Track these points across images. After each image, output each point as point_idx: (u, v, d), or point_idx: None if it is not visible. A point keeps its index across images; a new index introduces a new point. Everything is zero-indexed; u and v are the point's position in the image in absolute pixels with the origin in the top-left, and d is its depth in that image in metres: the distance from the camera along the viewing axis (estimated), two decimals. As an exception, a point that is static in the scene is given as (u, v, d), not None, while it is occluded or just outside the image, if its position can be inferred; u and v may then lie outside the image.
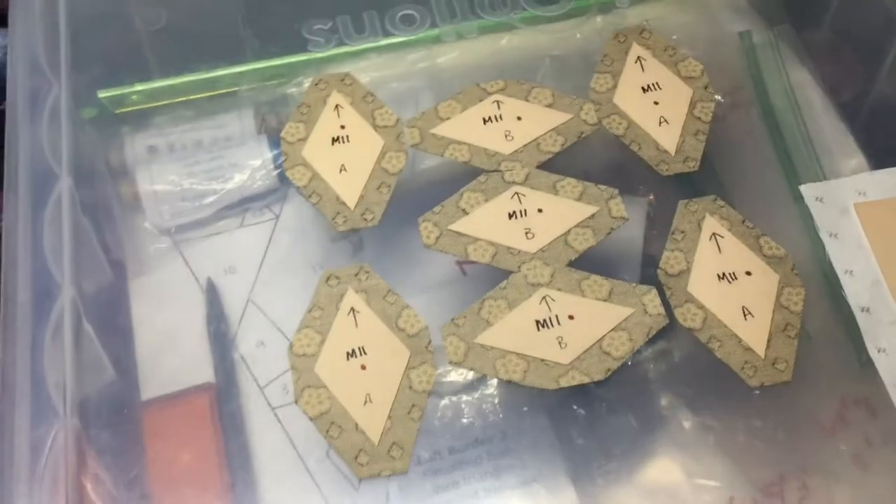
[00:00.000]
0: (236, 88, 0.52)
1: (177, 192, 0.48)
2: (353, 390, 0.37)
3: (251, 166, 0.49)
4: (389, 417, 0.37)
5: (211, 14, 0.50)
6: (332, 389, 0.37)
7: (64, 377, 0.37)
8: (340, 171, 0.43)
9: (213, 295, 0.47)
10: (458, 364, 0.38)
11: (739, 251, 0.41)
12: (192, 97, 0.52)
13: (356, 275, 0.40)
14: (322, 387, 0.37)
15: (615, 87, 0.46)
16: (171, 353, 0.45)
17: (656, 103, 0.46)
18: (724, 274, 0.40)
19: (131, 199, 0.48)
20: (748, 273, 0.40)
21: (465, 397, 0.42)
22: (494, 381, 0.41)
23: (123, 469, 0.38)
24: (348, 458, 0.36)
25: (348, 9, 0.51)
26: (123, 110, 0.51)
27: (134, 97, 0.51)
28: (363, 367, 0.38)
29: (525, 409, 0.40)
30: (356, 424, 0.37)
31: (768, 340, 0.38)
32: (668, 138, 0.44)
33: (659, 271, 0.40)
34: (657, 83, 0.46)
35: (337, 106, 0.45)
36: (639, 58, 0.47)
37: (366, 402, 0.37)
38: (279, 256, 0.48)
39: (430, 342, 0.39)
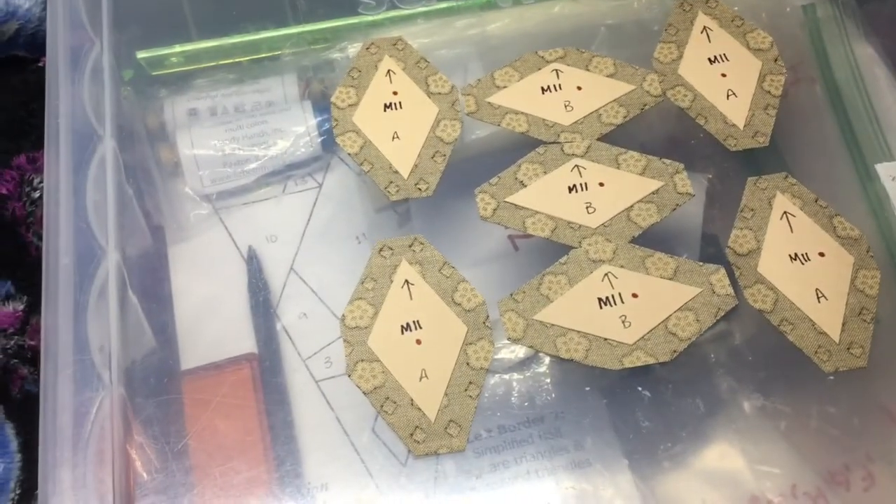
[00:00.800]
0: (279, 52, 0.50)
1: (218, 157, 0.46)
2: (408, 365, 0.36)
3: (294, 132, 0.47)
4: (446, 394, 0.35)
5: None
6: (387, 363, 0.36)
7: (109, 344, 0.36)
8: (393, 138, 0.41)
9: (254, 264, 0.45)
10: (517, 340, 0.37)
11: (812, 231, 0.39)
12: (234, 60, 0.50)
13: (410, 246, 0.39)
14: (376, 360, 0.36)
15: (680, 57, 0.44)
16: (211, 323, 0.44)
17: (724, 75, 0.44)
18: (796, 255, 0.38)
19: (171, 164, 0.47)
20: (821, 254, 0.38)
21: (516, 375, 0.40)
22: (546, 360, 0.40)
23: (168, 439, 0.37)
24: (404, 434, 0.34)
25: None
26: (162, 72, 0.50)
27: (173, 59, 0.49)
28: (418, 342, 0.36)
29: (587, 388, 0.38)
30: (412, 400, 0.35)
31: (843, 324, 0.37)
32: (736, 112, 0.43)
33: (728, 250, 0.39)
34: (724, 55, 0.44)
35: (389, 71, 0.43)
36: (705, 28, 0.45)
37: (421, 378, 0.36)
38: (322, 226, 0.47)
39: (487, 317, 0.37)
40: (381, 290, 0.37)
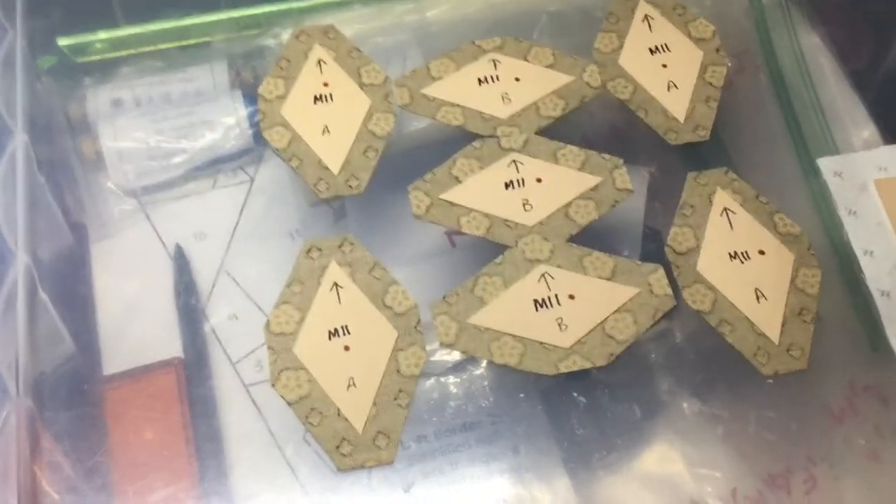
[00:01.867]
0: (209, 39, 0.48)
1: (143, 149, 0.44)
2: (335, 373, 0.34)
3: (224, 124, 0.45)
4: (375, 403, 0.34)
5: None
6: (313, 372, 0.34)
7: (16, 353, 0.34)
8: (323, 132, 0.40)
9: (182, 262, 0.43)
10: (449, 345, 0.35)
11: (753, 228, 0.38)
12: (161, 47, 0.48)
13: (340, 246, 0.37)
14: (302, 369, 0.34)
15: (621, 47, 0.43)
16: (136, 325, 0.42)
17: (665, 66, 0.42)
18: (736, 253, 0.37)
19: (93, 157, 0.45)
20: (762, 252, 0.37)
21: (452, 378, 0.39)
22: (484, 363, 0.39)
23: (83, 454, 0.35)
24: (329, 447, 0.33)
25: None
26: (86, 59, 0.47)
27: (98, 45, 0.47)
28: (346, 348, 0.35)
29: (514, 391, 0.37)
30: (338, 410, 0.34)
31: (783, 325, 0.36)
32: (677, 104, 0.41)
33: (666, 249, 0.38)
34: (666, 45, 0.43)
35: (320, 61, 0.42)
36: (646, 16, 0.44)
37: (349, 387, 0.34)
38: (254, 222, 0.45)
39: (419, 322, 0.36)
40: (308, 294, 0.36)
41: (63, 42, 0.46)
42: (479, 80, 0.42)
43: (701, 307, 0.36)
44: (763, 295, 0.36)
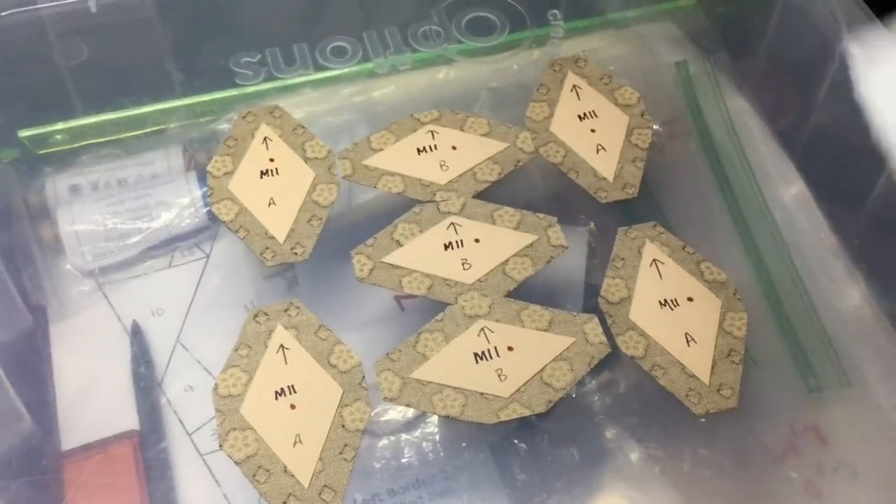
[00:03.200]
0: (164, 126, 0.50)
1: (100, 231, 0.46)
2: (282, 431, 0.35)
3: (179, 204, 0.47)
4: (321, 458, 0.35)
5: (135, 48, 0.49)
6: (260, 431, 0.35)
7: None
8: (269, 204, 0.41)
9: (138, 337, 0.44)
10: (392, 400, 0.36)
11: (680, 277, 0.40)
12: (119, 136, 0.50)
13: (286, 310, 0.38)
14: (249, 428, 0.35)
15: (551, 115, 0.45)
16: (94, 401, 0.43)
17: (593, 131, 0.45)
18: (665, 300, 0.39)
19: (52, 241, 0.46)
20: (690, 299, 0.39)
21: (404, 436, 0.40)
22: (435, 419, 0.40)
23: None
24: (276, 503, 0.34)
25: (278, 42, 0.49)
26: (46, 151, 0.49)
27: (58, 136, 0.49)
28: (293, 407, 0.36)
29: (464, 444, 0.38)
30: (285, 467, 0.34)
31: (712, 367, 0.37)
32: (605, 165, 0.44)
33: (600, 299, 0.39)
34: (594, 111, 0.45)
35: (266, 138, 0.44)
36: (574, 86, 0.46)
37: (295, 444, 0.35)
38: (210, 296, 0.46)
39: (363, 378, 0.37)
40: (255, 357, 0.37)
41: (24, 134, 0.48)
42: (418, 150, 0.44)
43: (634, 353, 0.37)
44: (693, 339, 0.38)
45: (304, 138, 0.44)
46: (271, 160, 0.43)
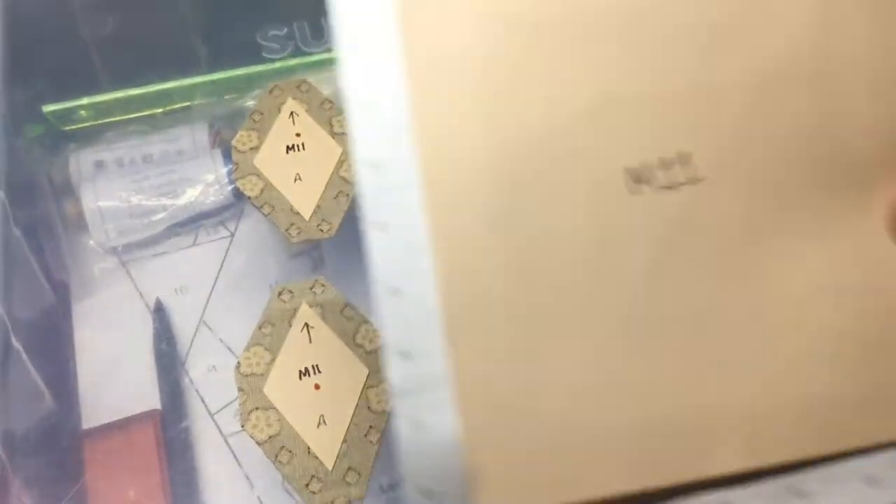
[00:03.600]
0: (190, 103, 0.49)
1: (124, 208, 0.45)
2: (305, 412, 0.34)
3: (204, 181, 0.46)
4: (345, 440, 0.34)
5: (162, 22, 0.48)
6: (283, 411, 0.34)
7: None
8: (295, 180, 0.40)
9: (161, 316, 0.44)
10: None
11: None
12: (144, 113, 0.49)
13: (311, 288, 0.37)
14: (272, 408, 0.34)
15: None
16: (116, 379, 0.42)
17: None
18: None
19: (75, 218, 0.45)
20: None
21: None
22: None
23: (57, 504, 0.35)
24: (299, 485, 0.33)
25: (306, 15, 0.48)
26: (71, 127, 0.48)
27: (82, 112, 0.48)
28: (317, 387, 0.35)
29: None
30: (308, 448, 0.33)
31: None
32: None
33: None
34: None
35: (292, 113, 0.43)
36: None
37: (319, 424, 0.34)
38: (234, 275, 0.46)
39: (390, 359, 0.36)
40: (279, 335, 0.36)
41: (48, 109, 0.47)
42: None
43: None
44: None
45: (331, 113, 0.43)
46: (297, 135, 0.42)
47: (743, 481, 0.23)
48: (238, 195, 0.46)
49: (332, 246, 0.45)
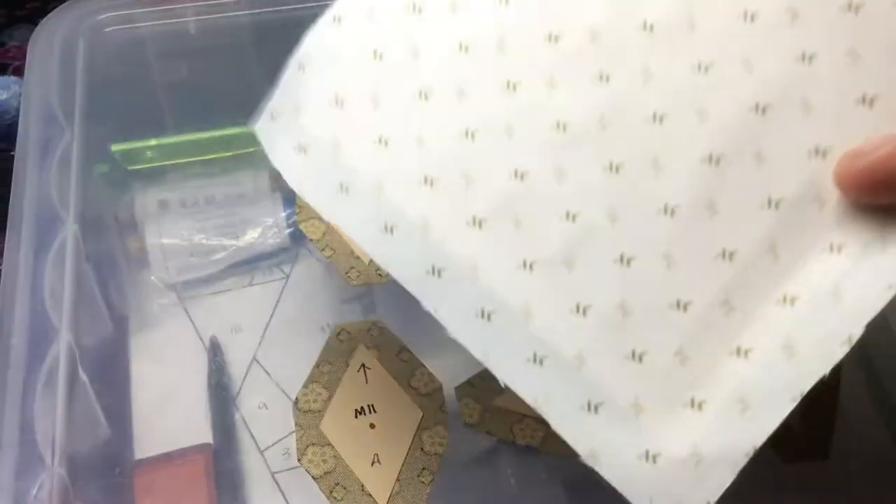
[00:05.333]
0: (253, 149, 0.51)
1: (185, 246, 0.47)
2: (360, 449, 0.35)
3: (263, 223, 0.48)
4: (398, 480, 0.34)
5: (229, 71, 0.50)
6: (339, 448, 0.35)
7: (54, 426, 0.35)
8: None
9: (216, 353, 0.45)
10: (473, 426, 0.36)
11: None
12: (208, 156, 0.51)
13: (368, 330, 0.38)
14: (327, 445, 0.35)
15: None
16: (169, 412, 0.43)
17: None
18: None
19: (138, 253, 0.47)
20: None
21: (481, 463, 0.39)
22: (513, 448, 0.39)
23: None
24: (353, 522, 0.33)
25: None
26: (136, 167, 0.50)
27: (148, 153, 0.50)
28: (372, 426, 0.36)
29: (544, 476, 0.37)
30: (362, 486, 0.34)
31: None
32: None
33: None
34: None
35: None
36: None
37: (373, 463, 0.35)
38: (287, 317, 0.47)
39: (443, 403, 0.36)
40: (336, 374, 0.37)
41: (116, 148, 0.49)
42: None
43: None
44: None
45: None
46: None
47: None
48: (295, 239, 0.47)
49: (384, 293, 0.46)
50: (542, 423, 0.35)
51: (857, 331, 0.25)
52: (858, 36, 0.27)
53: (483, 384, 0.37)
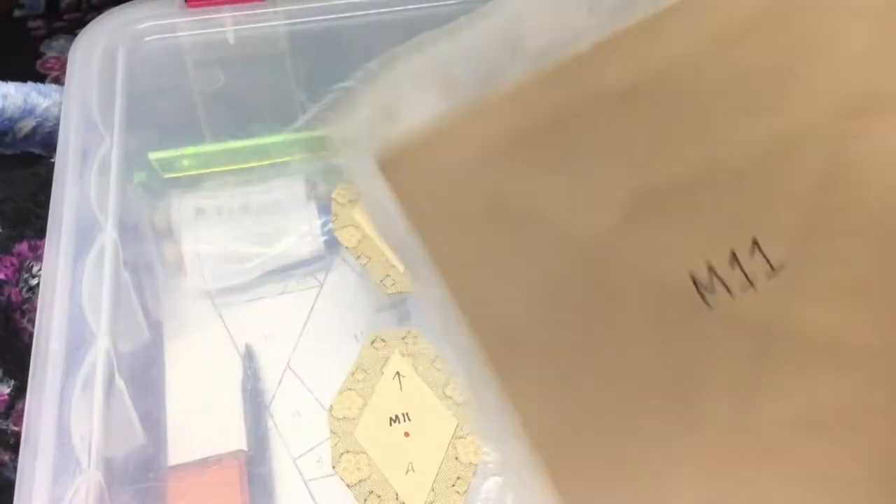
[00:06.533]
0: (289, 158, 0.51)
1: (221, 254, 0.47)
2: (395, 458, 0.35)
3: (298, 231, 0.48)
4: (433, 489, 0.34)
5: (266, 80, 0.50)
6: (373, 456, 0.35)
7: (91, 430, 0.35)
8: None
9: (250, 360, 0.45)
10: (507, 436, 0.35)
11: None
12: (244, 165, 0.51)
13: (403, 338, 0.38)
14: (362, 452, 0.35)
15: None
16: (203, 418, 0.43)
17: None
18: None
19: (174, 260, 0.47)
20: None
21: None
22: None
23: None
24: (387, 530, 0.33)
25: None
26: (173, 175, 0.51)
27: (185, 162, 0.51)
28: (406, 434, 0.35)
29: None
30: (397, 494, 0.34)
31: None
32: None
33: None
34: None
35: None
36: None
37: (408, 471, 0.34)
38: (321, 325, 0.47)
39: (478, 412, 0.36)
40: (370, 382, 0.37)
41: (153, 156, 0.50)
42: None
43: None
44: None
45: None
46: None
47: None
48: (330, 247, 0.47)
49: (419, 301, 0.46)
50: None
51: None
52: None
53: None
